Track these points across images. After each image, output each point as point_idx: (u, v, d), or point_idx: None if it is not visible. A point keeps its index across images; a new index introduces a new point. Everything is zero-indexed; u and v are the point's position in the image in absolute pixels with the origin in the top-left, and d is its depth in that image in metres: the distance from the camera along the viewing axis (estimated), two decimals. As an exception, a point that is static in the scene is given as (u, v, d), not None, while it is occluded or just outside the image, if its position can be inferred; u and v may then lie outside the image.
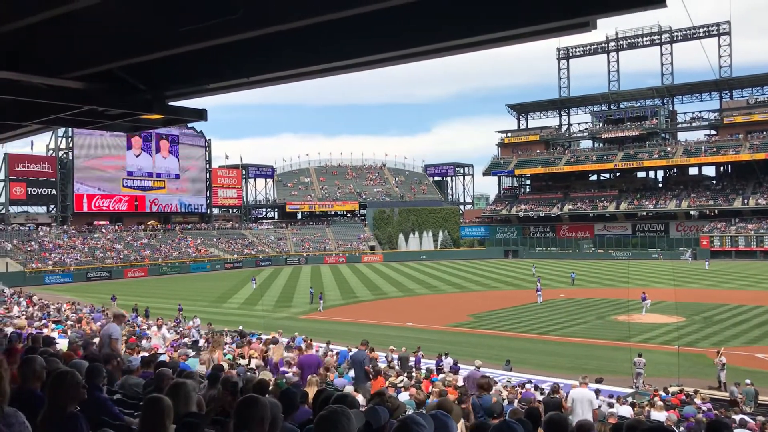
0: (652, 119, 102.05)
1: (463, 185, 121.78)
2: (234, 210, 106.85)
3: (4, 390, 3.94)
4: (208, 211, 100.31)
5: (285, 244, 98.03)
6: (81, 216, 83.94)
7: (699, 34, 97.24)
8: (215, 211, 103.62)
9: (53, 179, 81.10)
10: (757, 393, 19.71)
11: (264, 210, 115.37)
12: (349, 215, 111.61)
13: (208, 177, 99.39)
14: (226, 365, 12.32)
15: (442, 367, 21.71)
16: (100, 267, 72.73)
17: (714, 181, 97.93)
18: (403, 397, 11.61)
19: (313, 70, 6.32)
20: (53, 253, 72.63)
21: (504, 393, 15.21)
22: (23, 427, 3.97)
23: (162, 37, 5.58)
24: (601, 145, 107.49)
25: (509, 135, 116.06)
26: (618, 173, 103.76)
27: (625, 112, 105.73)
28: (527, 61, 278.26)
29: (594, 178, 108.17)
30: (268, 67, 6.30)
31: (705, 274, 63.28)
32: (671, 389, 19.87)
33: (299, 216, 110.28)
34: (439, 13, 5.07)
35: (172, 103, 7.78)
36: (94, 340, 14.42)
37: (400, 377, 16.23)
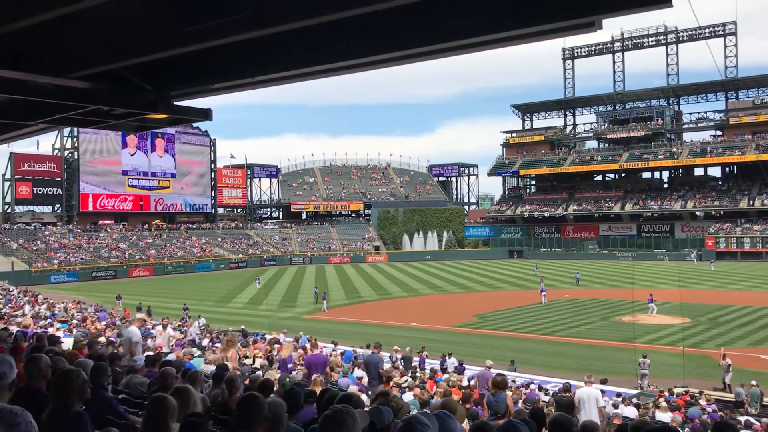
0: (657, 120, 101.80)
1: (468, 185, 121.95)
2: (239, 210, 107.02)
3: None
4: (213, 210, 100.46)
5: (290, 243, 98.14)
6: (86, 215, 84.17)
7: (705, 34, 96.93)
8: (220, 210, 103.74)
9: (59, 179, 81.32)
10: (762, 394, 19.64)
11: (269, 210, 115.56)
12: (353, 215, 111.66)
13: (212, 177, 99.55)
14: (231, 365, 12.34)
15: (446, 367, 21.68)
16: (105, 266, 72.93)
17: (720, 182, 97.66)
18: (408, 397, 11.61)
19: (317, 70, 6.32)
20: (58, 253, 72.85)
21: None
22: (29, 426, 3.97)
23: (167, 37, 5.59)
24: (606, 145, 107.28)
25: (514, 135, 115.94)
26: (623, 174, 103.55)
27: (630, 112, 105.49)
28: (532, 62, 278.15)
29: (599, 178, 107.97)
30: (273, 67, 6.30)
31: (710, 275, 63.10)
32: (676, 390, 19.82)
33: (304, 216, 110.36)
34: (443, 12, 5.06)
35: (177, 102, 7.78)
36: (99, 339, 14.47)
37: (404, 377, 16.22)
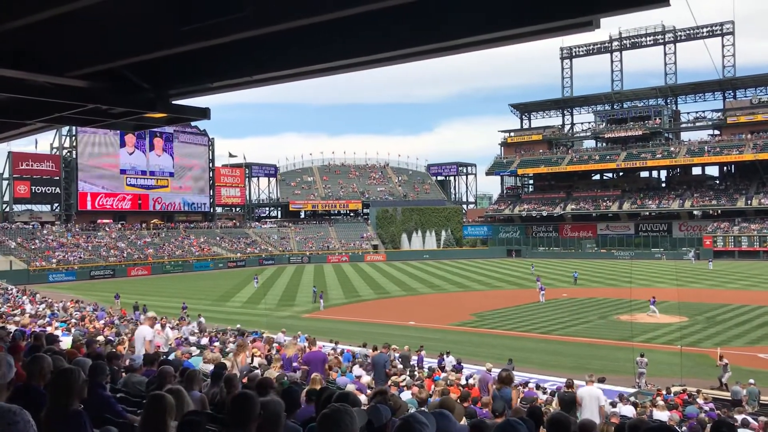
0: (655, 119, 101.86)
1: (466, 185, 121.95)
2: (237, 209, 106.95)
3: None
4: (212, 209, 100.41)
5: (288, 243, 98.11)
6: (85, 214, 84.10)
7: (702, 33, 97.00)
8: (218, 209, 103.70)
9: (57, 177, 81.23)
10: (760, 392, 19.69)
11: (267, 209, 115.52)
12: (352, 214, 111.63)
13: (211, 176, 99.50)
14: (229, 363, 12.33)
15: (444, 365, 21.71)
16: (104, 265, 72.84)
17: (717, 181, 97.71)
18: (406, 395, 11.62)
19: (315, 69, 6.33)
20: (57, 252, 72.79)
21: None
22: (27, 425, 3.97)
23: (166, 36, 5.59)
24: (604, 144, 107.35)
25: (512, 134, 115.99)
26: (621, 173, 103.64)
27: (628, 111, 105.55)
28: (530, 61, 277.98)
29: (597, 177, 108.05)
30: (271, 66, 6.31)
31: (708, 274, 63.18)
32: (674, 389, 19.86)
33: (302, 215, 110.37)
34: (440, 12, 5.07)
35: (175, 101, 7.79)
36: (97, 338, 14.47)
37: (402, 376, 16.25)
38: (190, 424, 3.76)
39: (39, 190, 79.78)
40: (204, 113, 8.45)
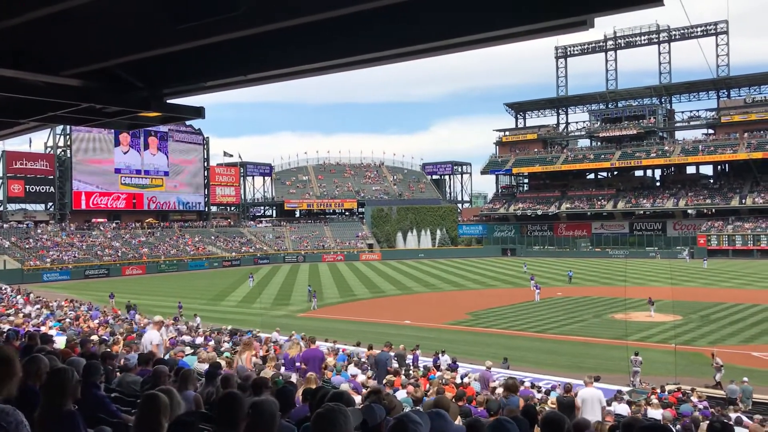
0: (649, 118, 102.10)
1: (461, 184, 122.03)
2: (232, 208, 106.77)
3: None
4: (207, 209, 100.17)
5: (283, 242, 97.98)
6: (79, 213, 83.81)
7: (697, 33, 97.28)
8: (213, 209, 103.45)
9: (51, 177, 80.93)
10: (752, 390, 19.75)
11: (262, 208, 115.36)
12: (347, 213, 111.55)
13: (206, 175, 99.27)
14: (224, 363, 12.33)
15: (439, 364, 21.74)
16: (99, 265, 72.64)
17: (711, 180, 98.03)
18: (401, 394, 11.62)
19: (311, 68, 6.34)
20: (51, 251, 72.53)
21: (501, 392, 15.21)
22: (21, 425, 3.96)
23: (161, 35, 5.58)
24: (598, 143, 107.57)
25: (507, 134, 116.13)
26: (615, 172, 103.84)
27: (622, 110, 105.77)
28: (525, 60, 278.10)
29: (591, 176, 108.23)
30: (266, 65, 6.31)
31: (702, 272, 63.38)
32: (668, 387, 19.92)
33: (297, 214, 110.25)
34: (434, 11, 5.07)
35: (170, 100, 7.78)
36: (91, 338, 14.43)
37: (398, 376, 16.26)
38: (182, 424, 3.75)
39: (33, 189, 79.50)
40: (198, 112, 8.44)
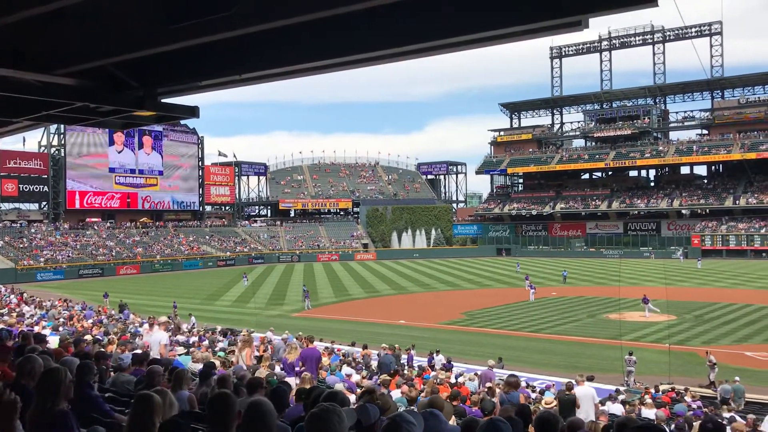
0: (644, 118, 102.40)
1: (456, 183, 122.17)
2: (227, 207, 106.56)
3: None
4: (201, 208, 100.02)
5: (278, 241, 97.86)
6: (73, 213, 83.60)
7: (691, 33, 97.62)
8: (208, 208, 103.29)
9: (45, 176, 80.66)
10: (744, 391, 19.81)
11: (257, 208, 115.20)
12: (342, 213, 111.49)
13: (200, 174, 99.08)
14: (218, 362, 12.31)
15: (433, 364, 21.76)
16: (92, 264, 72.44)
17: (705, 181, 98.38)
18: (395, 394, 11.62)
19: (306, 67, 6.32)
20: (45, 250, 72.29)
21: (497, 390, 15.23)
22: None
23: (156, 34, 5.56)
24: (593, 144, 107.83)
25: (502, 134, 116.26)
26: (610, 172, 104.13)
27: (617, 111, 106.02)
28: (520, 60, 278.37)
29: (586, 177, 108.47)
30: (261, 65, 6.29)
31: (696, 272, 63.59)
32: (662, 387, 19.97)
33: (292, 214, 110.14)
34: (429, 11, 5.07)
35: (164, 99, 7.75)
36: (85, 337, 14.39)
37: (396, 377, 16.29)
38: (173, 424, 3.74)
39: (27, 188, 79.20)
40: (193, 111, 8.41)
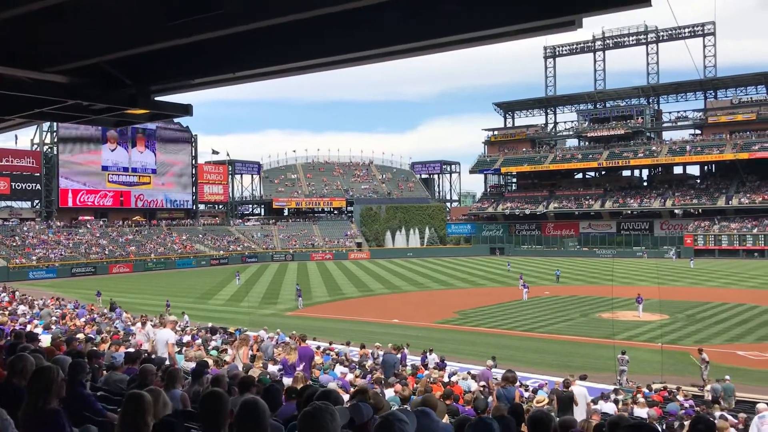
0: (637, 118, 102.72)
1: (450, 183, 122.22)
2: (220, 206, 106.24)
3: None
4: (194, 207, 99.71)
5: (271, 240, 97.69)
6: (66, 211, 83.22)
7: (684, 34, 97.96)
8: (201, 207, 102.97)
9: (37, 174, 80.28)
10: (734, 389, 19.87)
11: (250, 206, 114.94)
12: (336, 212, 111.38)
13: (194, 173, 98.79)
14: (211, 361, 12.29)
15: (427, 363, 21.75)
16: (85, 263, 72.18)
17: (698, 180, 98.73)
18: (388, 393, 11.63)
19: (298, 66, 6.32)
20: (37, 249, 71.98)
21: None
22: (5, 422, 3.95)
23: (148, 32, 5.55)
24: (586, 143, 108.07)
25: (496, 133, 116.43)
26: (603, 172, 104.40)
27: (610, 111, 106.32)
28: (514, 60, 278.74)
29: (579, 176, 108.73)
30: (255, 63, 6.29)
31: (689, 272, 63.84)
32: (654, 386, 20.04)
33: (286, 212, 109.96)
34: (423, 11, 5.08)
35: (157, 97, 7.74)
36: (77, 336, 14.34)
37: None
38: (165, 423, 3.73)
39: (19, 186, 78.80)
40: (186, 109, 8.40)
